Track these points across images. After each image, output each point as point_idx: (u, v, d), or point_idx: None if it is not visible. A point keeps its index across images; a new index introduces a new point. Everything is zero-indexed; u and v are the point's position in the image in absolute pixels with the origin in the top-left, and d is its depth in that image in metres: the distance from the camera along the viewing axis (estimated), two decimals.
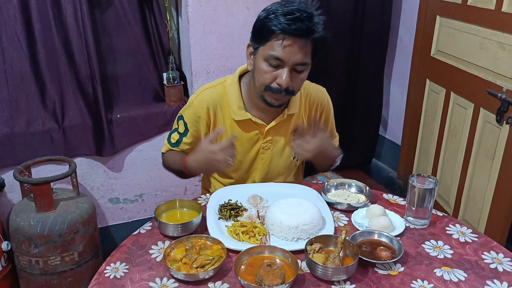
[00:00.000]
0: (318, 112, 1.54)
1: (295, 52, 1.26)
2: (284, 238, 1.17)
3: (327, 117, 1.58)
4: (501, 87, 1.92)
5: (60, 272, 1.86)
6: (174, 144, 1.53)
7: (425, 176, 1.24)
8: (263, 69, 1.31)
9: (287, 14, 1.24)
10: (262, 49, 1.30)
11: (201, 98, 1.46)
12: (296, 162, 1.58)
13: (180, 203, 1.29)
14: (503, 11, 1.90)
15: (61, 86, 2.12)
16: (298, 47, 1.25)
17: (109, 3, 2.13)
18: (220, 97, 1.46)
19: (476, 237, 1.20)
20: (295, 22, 1.23)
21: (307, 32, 1.25)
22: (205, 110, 1.45)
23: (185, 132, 1.49)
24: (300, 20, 1.23)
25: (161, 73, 2.33)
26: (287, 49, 1.25)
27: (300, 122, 1.52)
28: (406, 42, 2.90)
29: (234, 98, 1.44)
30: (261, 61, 1.31)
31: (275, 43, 1.26)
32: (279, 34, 1.24)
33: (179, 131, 1.51)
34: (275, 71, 1.30)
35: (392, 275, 1.05)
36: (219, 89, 1.47)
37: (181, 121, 1.50)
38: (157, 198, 2.48)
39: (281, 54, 1.26)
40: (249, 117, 1.44)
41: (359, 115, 3.09)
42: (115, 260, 1.10)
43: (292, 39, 1.24)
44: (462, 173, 2.27)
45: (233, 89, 1.45)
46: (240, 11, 2.21)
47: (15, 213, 1.84)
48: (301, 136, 1.37)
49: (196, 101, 1.46)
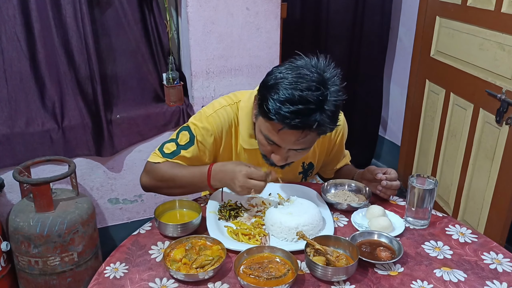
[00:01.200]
0: (332, 139, 1.48)
1: (291, 141, 1.16)
2: (284, 238, 1.17)
3: (341, 142, 1.52)
4: (501, 88, 1.92)
5: (60, 272, 1.86)
6: (167, 154, 1.35)
7: (425, 176, 1.24)
8: (260, 140, 1.24)
9: (289, 102, 1.06)
10: (261, 122, 1.19)
11: (217, 116, 1.34)
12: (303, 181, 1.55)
13: (179, 203, 1.29)
14: (503, 11, 1.91)
15: (60, 86, 2.12)
16: (295, 137, 1.14)
17: (108, 3, 2.13)
18: (234, 119, 1.36)
19: (475, 237, 1.20)
20: (296, 116, 1.07)
21: (308, 126, 1.10)
22: (220, 130, 1.34)
23: (187, 145, 1.34)
24: (302, 114, 1.07)
25: (160, 73, 2.33)
26: (283, 137, 1.15)
27: (312, 150, 1.42)
28: (406, 42, 2.91)
29: (245, 125, 1.34)
30: (259, 131, 1.23)
31: (271, 127, 1.14)
32: (276, 123, 1.11)
33: (179, 142, 1.35)
34: (271, 146, 1.21)
35: (391, 275, 1.05)
36: (234, 110, 1.36)
37: (185, 132, 1.35)
38: (156, 199, 2.48)
39: (276, 140, 1.17)
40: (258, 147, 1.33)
41: (359, 115, 3.09)
42: (115, 260, 1.10)
43: (290, 131, 1.11)
44: (461, 174, 2.27)
45: (246, 114, 1.34)
46: (240, 12, 2.21)
47: (14, 213, 1.84)
48: (373, 179, 1.34)
49: (211, 117, 1.34)
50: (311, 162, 1.50)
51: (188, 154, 1.34)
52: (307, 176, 1.54)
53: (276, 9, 2.25)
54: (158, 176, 1.35)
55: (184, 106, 2.31)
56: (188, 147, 1.34)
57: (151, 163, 1.37)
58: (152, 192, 1.42)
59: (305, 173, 1.52)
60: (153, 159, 1.37)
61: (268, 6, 2.22)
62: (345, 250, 1.10)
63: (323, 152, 1.51)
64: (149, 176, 1.38)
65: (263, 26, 2.26)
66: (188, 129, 1.35)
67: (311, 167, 1.51)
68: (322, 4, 2.76)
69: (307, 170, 1.51)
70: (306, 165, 1.50)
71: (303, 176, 1.52)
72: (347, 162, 1.61)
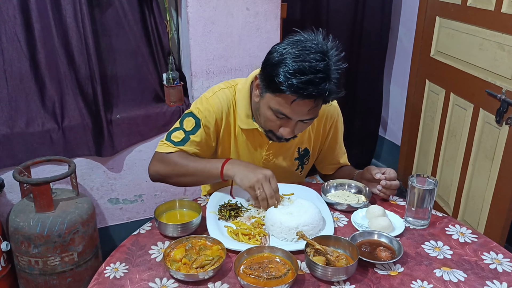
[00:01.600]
0: (327, 126, 1.51)
1: (304, 112, 1.20)
2: (284, 238, 1.17)
3: (336, 133, 1.54)
4: (501, 88, 1.92)
5: (60, 272, 1.86)
6: (178, 142, 1.37)
7: (425, 176, 1.24)
8: (268, 116, 1.26)
9: (300, 73, 1.12)
10: (269, 98, 1.22)
11: (216, 97, 1.39)
12: (300, 173, 1.56)
13: (179, 203, 1.29)
14: (503, 12, 1.91)
15: (60, 87, 2.12)
16: (308, 107, 1.19)
17: (108, 3, 2.13)
18: (232, 100, 1.40)
19: (475, 237, 1.21)
20: (308, 86, 1.12)
21: (319, 95, 1.15)
22: (220, 111, 1.38)
23: (194, 130, 1.37)
24: (313, 83, 1.13)
25: (160, 73, 2.33)
26: (295, 109, 1.19)
27: (306, 135, 1.48)
28: (406, 43, 2.91)
29: (242, 106, 1.39)
30: (267, 108, 1.25)
31: (283, 100, 1.19)
32: (288, 94, 1.16)
33: (185, 129, 1.38)
34: (279, 120, 1.25)
35: (391, 275, 1.05)
36: (232, 92, 1.41)
37: (189, 118, 1.38)
38: (156, 199, 2.48)
39: (288, 112, 1.20)
40: (256, 126, 1.39)
41: (358, 115, 3.09)
42: (115, 260, 1.10)
43: (302, 101, 1.16)
44: (461, 174, 2.27)
45: (243, 96, 1.39)
46: (240, 12, 2.21)
47: (14, 213, 1.84)
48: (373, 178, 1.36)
49: (211, 99, 1.39)
50: (306, 148, 1.52)
51: (197, 138, 1.38)
52: (304, 163, 1.55)
53: (276, 9, 2.25)
54: (171, 165, 1.36)
55: (184, 106, 2.31)
56: (196, 131, 1.37)
57: (162, 153, 1.39)
58: (161, 182, 1.43)
59: (301, 160, 1.53)
60: (164, 149, 1.39)
61: (268, 6, 2.22)
62: (345, 250, 1.10)
63: (318, 139, 1.53)
64: (161, 165, 1.39)
65: (263, 26, 2.26)
66: (191, 115, 1.39)
67: (306, 153, 1.53)
68: (322, 4, 2.76)
69: (303, 157, 1.53)
70: (302, 151, 1.52)
71: (300, 163, 1.54)
72: (346, 162, 1.62)
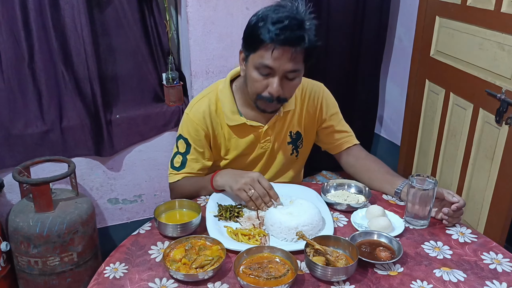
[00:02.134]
0: (315, 105, 1.53)
1: (285, 61, 1.24)
2: (283, 238, 1.17)
3: (327, 110, 1.55)
4: (501, 88, 1.92)
5: (59, 272, 1.86)
6: (179, 167, 1.47)
7: (425, 176, 1.24)
8: (254, 77, 1.30)
9: (277, 22, 1.21)
10: (252, 57, 1.28)
11: (195, 110, 1.45)
12: (296, 157, 1.58)
13: (179, 203, 1.29)
14: (503, 11, 1.90)
15: (59, 87, 2.12)
16: (288, 56, 1.24)
17: (108, 3, 2.13)
18: (213, 105, 1.45)
19: (475, 237, 1.21)
20: (285, 31, 1.20)
21: (297, 41, 1.22)
22: (202, 121, 1.44)
23: (187, 150, 1.45)
24: (290, 29, 1.20)
25: (160, 73, 2.33)
26: (277, 59, 1.24)
27: (296, 119, 1.52)
28: (406, 42, 2.90)
29: (227, 104, 1.44)
30: (252, 69, 1.30)
31: (265, 53, 1.24)
32: (269, 44, 1.22)
33: (180, 151, 1.47)
34: (266, 79, 1.29)
35: (391, 275, 1.05)
36: (211, 97, 1.46)
37: (180, 141, 1.47)
38: (156, 199, 2.48)
39: (271, 63, 1.24)
40: (244, 121, 1.44)
41: (356, 115, 3.09)
42: (115, 261, 1.10)
43: (282, 48, 1.22)
44: (461, 174, 2.27)
45: (226, 94, 1.44)
46: (239, 12, 2.21)
47: (14, 214, 1.84)
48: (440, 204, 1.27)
49: (191, 113, 1.45)
50: (298, 131, 1.54)
51: (193, 156, 1.46)
52: (298, 147, 1.57)
53: None
54: (181, 192, 1.46)
55: (184, 106, 2.31)
56: (189, 151, 1.46)
57: (171, 183, 1.50)
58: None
59: (294, 143, 1.55)
60: (171, 179, 1.50)
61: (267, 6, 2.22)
62: (345, 250, 1.10)
63: (309, 121, 1.54)
64: (174, 194, 1.51)
65: None
66: (181, 137, 1.47)
67: (299, 136, 1.55)
68: (322, 4, 2.76)
69: (296, 140, 1.55)
70: (294, 135, 1.54)
71: (293, 147, 1.55)
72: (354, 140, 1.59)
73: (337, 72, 2.91)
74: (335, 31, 2.82)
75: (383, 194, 1.42)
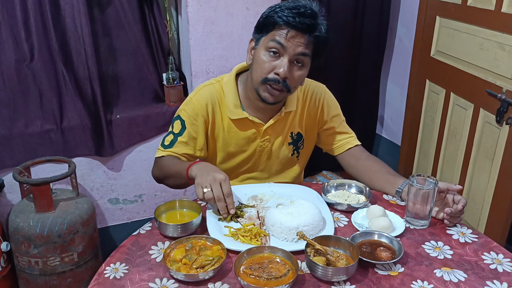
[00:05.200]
0: (316, 105, 1.53)
1: (297, 44, 1.28)
2: (284, 239, 1.17)
3: (329, 112, 1.55)
4: (501, 88, 1.92)
5: (60, 272, 1.86)
6: (167, 145, 1.47)
7: (425, 176, 1.24)
8: (263, 59, 1.31)
9: (293, 8, 1.26)
10: (264, 39, 1.31)
11: (200, 95, 1.45)
12: (296, 158, 1.58)
13: (180, 203, 1.28)
14: (503, 11, 1.90)
15: (59, 87, 2.12)
16: (300, 40, 1.27)
17: (108, 3, 2.13)
18: (218, 95, 1.45)
19: (476, 237, 1.20)
20: (300, 16, 1.25)
21: (310, 28, 1.27)
22: (204, 107, 1.44)
23: (181, 131, 1.45)
24: (304, 15, 1.26)
25: (160, 73, 2.33)
26: (290, 39, 1.27)
27: (297, 119, 1.52)
28: (406, 42, 2.91)
29: (230, 97, 1.44)
30: (262, 51, 1.32)
31: (278, 33, 1.28)
32: (283, 25, 1.27)
33: (174, 131, 1.47)
34: (274, 61, 1.30)
35: (392, 275, 1.05)
36: (217, 87, 1.46)
37: (177, 121, 1.47)
38: (156, 199, 2.48)
39: (284, 41, 1.27)
40: (246, 115, 1.44)
41: (357, 115, 3.09)
42: (115, 261, 1.10)
43: (295, 32, 1.26)
44: (462, 174, 2.27)
45: (230, 87, 1.45)
46: (240, 12, 2.21)
47: (14, 214, 1.84)
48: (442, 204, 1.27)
49: (195, 98, 1.45)
50: (299, 132, 1.55)
51: (184, 139, 1.45)
52: (299, 148, 1.57)
53: None
54: (161, 168, 1.46)
55: None
56: (182, 132, 1.45)
57: (156, 157, 1.50)
58: (162, 184, 1.52)
59: (295, 144, 1.55)
60: (158, 153, 1.50)
61: (268, 6, 2.22)
62: (345, 250, 1.10)
63: (310, 122, 1.55)
64: (155, 168, 1.51)
65: None
66: (178, 117, 1.47)
67: (300, 137, 1.55)
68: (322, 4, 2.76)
69: (297, 141, 1.55)
70: (295, 135, 1.54)
71: (294, 147, 1.56)
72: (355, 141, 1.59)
73: (338, 72, 2.91)
74: (336, 31, 2.81)
75: (383, 194, 1.42)
